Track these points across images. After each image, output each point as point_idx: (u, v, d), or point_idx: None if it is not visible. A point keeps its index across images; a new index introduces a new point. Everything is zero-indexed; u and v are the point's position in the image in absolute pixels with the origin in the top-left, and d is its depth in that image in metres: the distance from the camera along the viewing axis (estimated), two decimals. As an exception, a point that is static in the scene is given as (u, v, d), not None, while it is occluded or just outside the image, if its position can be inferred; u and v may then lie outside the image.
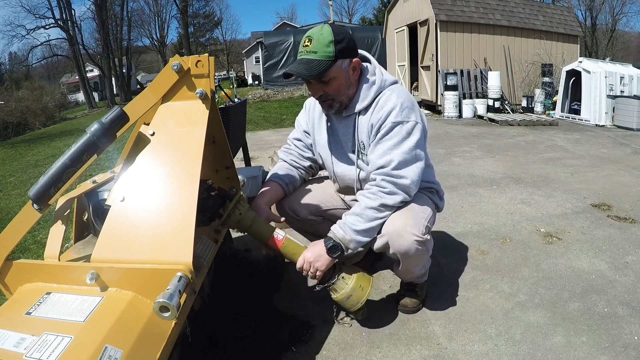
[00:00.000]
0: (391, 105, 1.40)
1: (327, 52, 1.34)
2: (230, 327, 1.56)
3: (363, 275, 1.45)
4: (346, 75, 1.41)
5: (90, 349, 0.81)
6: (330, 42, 1.33)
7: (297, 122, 1.72)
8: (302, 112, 1.71)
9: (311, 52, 1.35)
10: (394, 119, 1.38)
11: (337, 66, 1.37)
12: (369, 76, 1.47)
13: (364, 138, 1.47)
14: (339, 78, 1.39)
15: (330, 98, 1.44)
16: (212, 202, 1.41)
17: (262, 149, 5.51)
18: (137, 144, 1.52)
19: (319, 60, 1.34)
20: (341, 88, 1.42)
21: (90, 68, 28.69)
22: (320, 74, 1.35)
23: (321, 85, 1.41)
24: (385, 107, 1.40)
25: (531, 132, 6.06)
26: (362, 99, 1.45)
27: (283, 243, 1.40)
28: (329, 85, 1.40)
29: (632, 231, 2.36)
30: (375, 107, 1.44)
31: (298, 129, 1.71)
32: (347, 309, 1.44)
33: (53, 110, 20.23)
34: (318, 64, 1.34)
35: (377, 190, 1.38)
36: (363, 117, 1.47)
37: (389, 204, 1.38)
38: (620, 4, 24.42)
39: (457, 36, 8.37)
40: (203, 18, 37.07)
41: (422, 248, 1.40)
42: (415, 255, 1.42)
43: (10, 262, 1.06)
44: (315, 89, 1.43)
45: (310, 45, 1.35)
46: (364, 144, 1.48)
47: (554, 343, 1.45)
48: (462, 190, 3.27)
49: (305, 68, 1.35)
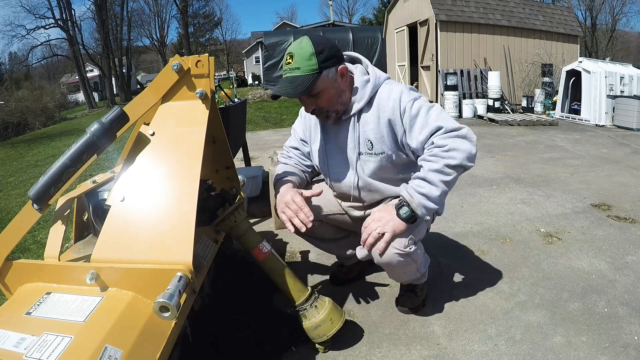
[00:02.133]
0: (397, 92, 1.37)
1: (310, 65, 1.30)
2: (230, 327, 1.56)
3: (336, 308, 1.43)
4: (335, 85, 1.37)
5: (90, 349, 0.81)
6: (311, 55, 1.30)
7: (294, 130, 1.69)
8: (299, 120, 1.67)
9: (294, 69, 1.31)
10: (407, 100, 1.35)
11: (324, 78, 1.33)
12: (362, 76, 1.44)
13: (371, 135, 1.42)
14: (328, 89, 1.35)
15: (325, 110, 1.41)
16: (212, 202, 1.41)
17: (262, 149, 5.51)
18: (137, 144, 1.52)
19: (303, 76, 1.30)
20: (332, 98, 1.38)
21: (90, 68, 28.68)
22: (306, 89, 1.31)
23: (312, 100, 1.37)
24: (392, 97, 1.37)
25: (531, 132, 6.06)
26: (358, 99, 1.42)
27: (267, 256, 1.39)
28: (319, 98, 1.36)
29: (632, 231, 2.36)
30: (380, 101, 1.40)
31: (294, 137, 1.68)
32: (313, 338, 1.41)
33: (53, 110, 20.21)
34: (303, 80, 1.30)
35: (439, 151, 1.29)
36: (366, 114, 1.42)
37: (459, 157, 1.27)
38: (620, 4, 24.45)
39: (457, 36, 8.38)
40: (203, 18, 37.08)
41: (405, 259, 1.35)
42: (400, 266, 1.39)
43: (10, 262, 1.06)
44: (306, 104, 1.40)
45: (292, 61, 1.31)
46: (371, 142, 1.43)
47: (554, 343, 1.45)
48: (462, 190, 3.27)
49: (290, 87, 1.31)
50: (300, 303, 1.40)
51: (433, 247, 1.69)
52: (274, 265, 1.40)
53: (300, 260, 2.18)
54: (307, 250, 2.26)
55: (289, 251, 2.28)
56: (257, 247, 1.39)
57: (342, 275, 1.91)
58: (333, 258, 2.12)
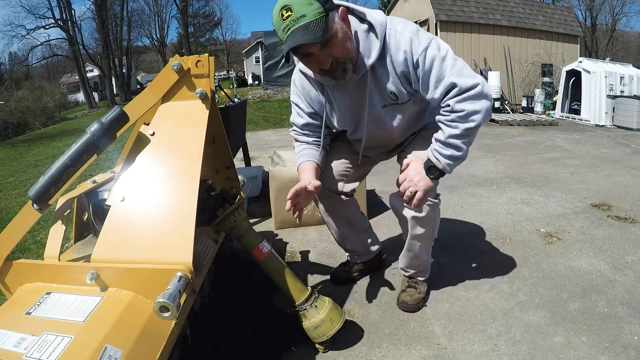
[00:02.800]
0: (406, 41, 1.29)
1: (315, 9, 1.16)
2: (230, 327, 1.56)
3: (336, 308, 1.44)
4: (343, 29, 1.25)
5: (90, 349, 0.81)
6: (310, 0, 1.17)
7: (296, 106, 1.57)
8: (295, 92, 1.56)
9: (300, 18, 1.15)
10: (418, 52, 1.28)
11: (331, 20, 1.20)
12: (359, 24, 1.33)
13: (392, 87, 1.37)
14: (338, 33, 1.23)
15: (342, 62, 1.27)
16: (212, 202, 1.42)
17: (262, 149, 5.51)
18: (137, 144, 1.52)
19: (314, 21, 1.15)
20: (345, 44, 1.26)
21: (90, 68, 28.69)
22: (324, 33, 1.17)
23: (326, 51, 1.23)
24: (401, 47, 1.29)
25: (531, 132, 6.06)
26: (367, 55, 1.32)
27: (266, 256, 1.39)
28: (333, 46, 1.23)
29: (632, 231, 2.36)
30: (390, 53, 1.32)
31: (300, 112, 1.57)
32: (313, 338, 1.41)
33: (53, 110, 20.23)
34: (315, 24, 1.15)
35: (456, 117, 1.30)
36: (381, 68, 1.34)
37: (478, 119, 1.29)
38: (620, 4, 24.43)
39: (457, 36, 8.38)
40: (203, 18, 37.11)
41: (431, 212, 1.46)
42: (426, 219, 1.48)
43: (10, 262, 1.06)
44: (321, 59, 1.25)
45: (293, 12, 1.15)
46: (394, 93, 1.38)
47: (554, 343, 1.45)
48: (462, 190, 3.27)
49: (308, 34, 1.15)
50: (300, 303, 1.40)
51: (433, 247, 1.69)
52: (274, 266, 1.40)
53: (300, 260, 2.18)
54: (307, 251, 2.26)
55: (289, 251, 2.28)
56: (257, 247, 1.39)
57: (344, 275, 1.91)
58: (333, 258, 2.12)
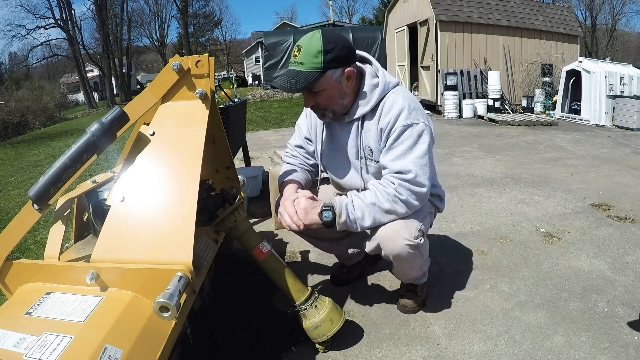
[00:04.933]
0: (399, 108, 1.35)
1: (315, 63, 1.28)
2: (230, 327, 1.56)
3: (336, 308, 1.44)
4: (338, 86, 1.35)
5: (90, 349, 0.81)
6: (318, 53, 1.27)
7: (298, 127, 1.66)
8: (303, 117, 1.65)
9: (299, 64, 1.30)
10: (403, 122, 1.33)
11: (327, 77, 1.31)
12: (371, 79, 1.41)
13: (372, 143, 1.42)
14: (330, 89, 1.34)
15: (322, 108, 1.40)
16: (212, 202, 1.42)
17: (262, 149, 5.51)
18: (137, 144, 1.52)
19: (305, 72, 1.29)
20: (333, 99, 1.37)
21: (90, 68, 28.67)
22: (305, 86, 1.30)
23: (312, 96, 1.36)
24: (392, 110, 1.35)
25: (531, 132, 6.06)
26: (364, 104, 1.40)
27: (266, 256, 1.39)
28: (319, 96, 1.35)
29: (632, 231, 2.36)
30: (382, 110, 1.38)
31: (299, 135, 1.65)
32: (313, 338, 1.42)
33: (53, 110, 20.21)
34: (305, 77, 1.29)
35: (394, 196, 1.32)
36: (369, 121, 1.41)
37: (401, 212, 1.33)
38: (620, 4, 24.42)
39: (457, 36, 8.37)
40: (203, 18, 37.04)
41: (414, 252, 1.37)
42: (408, 259, 1.40)
43: (10, 262, 1.06)
44: (307, 98, 1.39)
45: (299, 55, 1.29)
46: (371, 149, 1.43)
47: (554, 343, 1.45)
48: (462, 190, 3.27)
49: (289, 81, 1.30)
50: (300, 303, 1.40)
51: (433, 247, 1.69)
52: (274, 266, 1.40)
53: (300, 260, 2.18)
54: (307, 250, 2.26)
55: (289, 251, 2.28)
56: (257, 247, 1.39)
57: (343, 276, 1.91)
58: (333, 258, 2.12)
